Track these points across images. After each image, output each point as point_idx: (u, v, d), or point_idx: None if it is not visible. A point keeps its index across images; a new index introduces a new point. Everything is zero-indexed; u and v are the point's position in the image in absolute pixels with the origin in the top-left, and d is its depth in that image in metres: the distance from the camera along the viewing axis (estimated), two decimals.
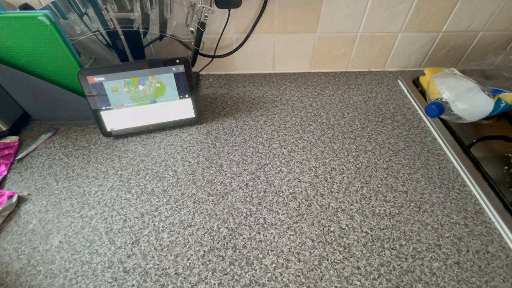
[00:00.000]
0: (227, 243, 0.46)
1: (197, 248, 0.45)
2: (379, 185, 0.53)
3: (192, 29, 0.65)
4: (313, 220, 0.48)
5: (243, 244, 0.46)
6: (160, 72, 0.57)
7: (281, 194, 0.52)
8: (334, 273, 0.42)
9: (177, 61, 0.57)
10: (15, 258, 0.45)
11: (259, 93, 0.75)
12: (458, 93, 0.57)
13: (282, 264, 0.43)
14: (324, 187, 0.53)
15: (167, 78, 0.58)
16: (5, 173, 0.56)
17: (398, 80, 0.78)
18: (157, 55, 0.75)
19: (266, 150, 0.60)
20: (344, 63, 0.80)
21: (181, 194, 0.52)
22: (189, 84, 0.60)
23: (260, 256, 0.44)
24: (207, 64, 0.76)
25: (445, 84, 0.62)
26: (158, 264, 0.43)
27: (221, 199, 0.52)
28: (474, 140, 0.58)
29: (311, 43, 0.75)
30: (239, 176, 0.55)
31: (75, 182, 0.55)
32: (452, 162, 0.57)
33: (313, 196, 0.52)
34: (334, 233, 0.47)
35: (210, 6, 0.62)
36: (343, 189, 0.53)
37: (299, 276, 0.42)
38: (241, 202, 0.51)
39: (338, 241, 0.46)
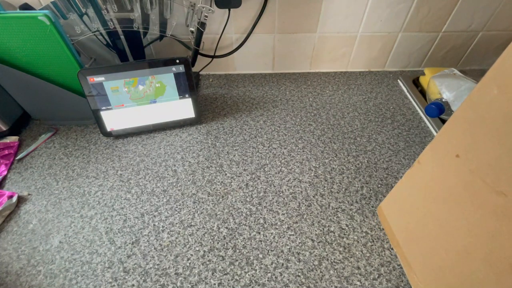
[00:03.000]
0: (227, 243, 0.46)
1: (197, 248, 0.45)
2: (379, 185, 0.53)
3: (192, 29, 0.65)
4: (313, 220, 0.48)
5: (243, 244, 0.46)
6: (160, 72, 0.57)
7: (281, 194, 0.52)
8: (334, 273, 0.42)
9: (177, 61, 0.57)
10: (15, 258, 0.45)
11: (259, 93, 0.75)
12: (458, 93, 0.57)
13: (282, 264, 0.43)
14: (324, 187, 0.53)
15: (167, 78, 0.58)
16: (5, 173, 0.56)
17: (398, 80, 0.78)
18: (157, 55, 0.75)
19: (266, 150, 0.60)
20: (344, 63, 0.80)
21: (181, 194, 0.52)
22: (189, 84, 0.60)
23: (260, 256, 0.44)
24: (207, 64, 0.76)
25: (445, 84, 0.62)
26: (158, 264, 0.43)
27: (221, 199, 0.52)
28: None
29: (311, 43, 0.75)
30: (239, 176, 0.55)
31: (75, 182, 0.55)
32: None
33: (313, 196, 0.52)
34: (334, 233, 0.47)
35: (210, 6, 0.62)
36: (343, 189, 0.53)
37: (299, 276, 0.42)
38: (241, 202, 0.51)
39: (338, 241, 0.46)
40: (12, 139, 0.61)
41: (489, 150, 0.27)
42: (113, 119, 0.60)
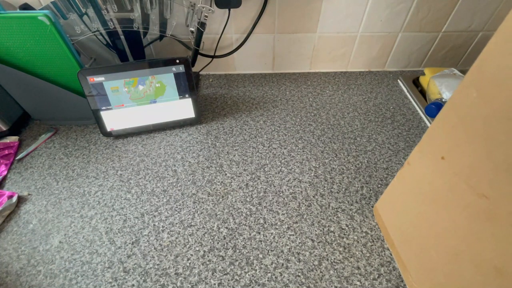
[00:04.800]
0: (227, 243, 0.46)
1: (197, 248, 0.45)
2: (379, 185, 0.53)
3: (192, 29, 0.65)
4: (313, 220, 0.48)
5: (243, 244, 0.46)
6: (160, 72, 0.57)
7: (281, 194, 0.52)
8: (334, 273, 0.42)
9: (177, 61, 0.57)
10: (15, 258, 0.45)
11: (259, 93, 0.75)
12: None
13: (282, 264, 0.43)
14: (324, 187, 0.53)
15: (167, 78, 0.58)
16: (5, 173, 0.56)
17: (398, 80, 0.78)
18: (157, 55, 0.75)
19: (266, 150, 0.60)
20: (344, 63, 0.80)
21: (181, 194, 0.52)
22: (189, 84, 0.60)
23: (260, 256, 0.44)
24: (207, 64, 0.76)
25: (445, 84, 0.62)
26: (158, 264, 0.43)
27: (221, 199, 0.52)
28: None
29: (311, 43, 0.75)
30: (239, 176, 0.55)
31: (75, 182, 0.55)
32: None
33: (313, 196, 0.52)
34: (334, 233, 0.47)
35: (210, 6, 0.62)
36: (343, 189, 0.53)
37: (299, 276, 0.42)
38: (241, 202, 0.51)
39: (338, 241, 0.46)
40: (12, 139, 0.61)
41: (470, 153, 0.28)
42: (113, 119, 0.60)
